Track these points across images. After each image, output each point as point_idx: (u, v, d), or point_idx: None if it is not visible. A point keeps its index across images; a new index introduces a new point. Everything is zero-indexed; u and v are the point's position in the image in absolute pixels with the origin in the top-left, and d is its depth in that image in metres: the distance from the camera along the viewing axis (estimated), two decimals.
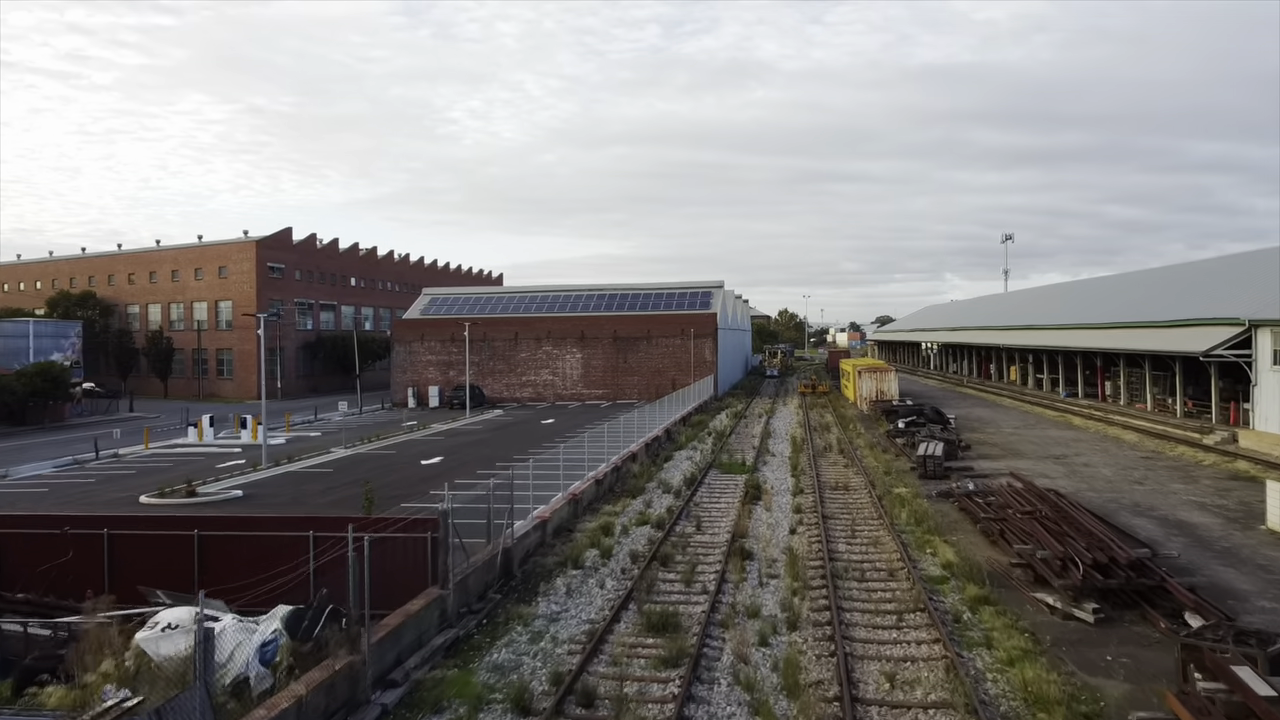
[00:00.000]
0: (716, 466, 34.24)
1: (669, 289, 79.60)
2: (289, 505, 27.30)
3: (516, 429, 50.70)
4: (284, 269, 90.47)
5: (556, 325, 73.76)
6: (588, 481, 27.66)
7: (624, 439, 36.24)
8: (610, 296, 79.43)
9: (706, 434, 44.95)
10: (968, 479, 29.74)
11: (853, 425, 48.02)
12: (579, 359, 73.11)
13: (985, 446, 38.81)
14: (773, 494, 28.15)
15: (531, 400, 73.03)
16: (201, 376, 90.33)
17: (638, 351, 72.28)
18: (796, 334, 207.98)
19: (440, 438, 46.59)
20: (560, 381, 73.31)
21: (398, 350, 75.79)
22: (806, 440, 41.52)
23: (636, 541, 22.01)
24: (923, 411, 46.22)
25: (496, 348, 74.25)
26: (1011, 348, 69.51)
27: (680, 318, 72.64)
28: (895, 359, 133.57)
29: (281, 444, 45.84)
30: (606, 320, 73.50)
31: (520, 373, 73.75)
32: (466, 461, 36.48)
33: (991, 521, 21.28)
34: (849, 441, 40.74)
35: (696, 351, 71.45)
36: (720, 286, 78.72)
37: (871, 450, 37.56)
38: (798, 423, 51.05)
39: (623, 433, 36.55)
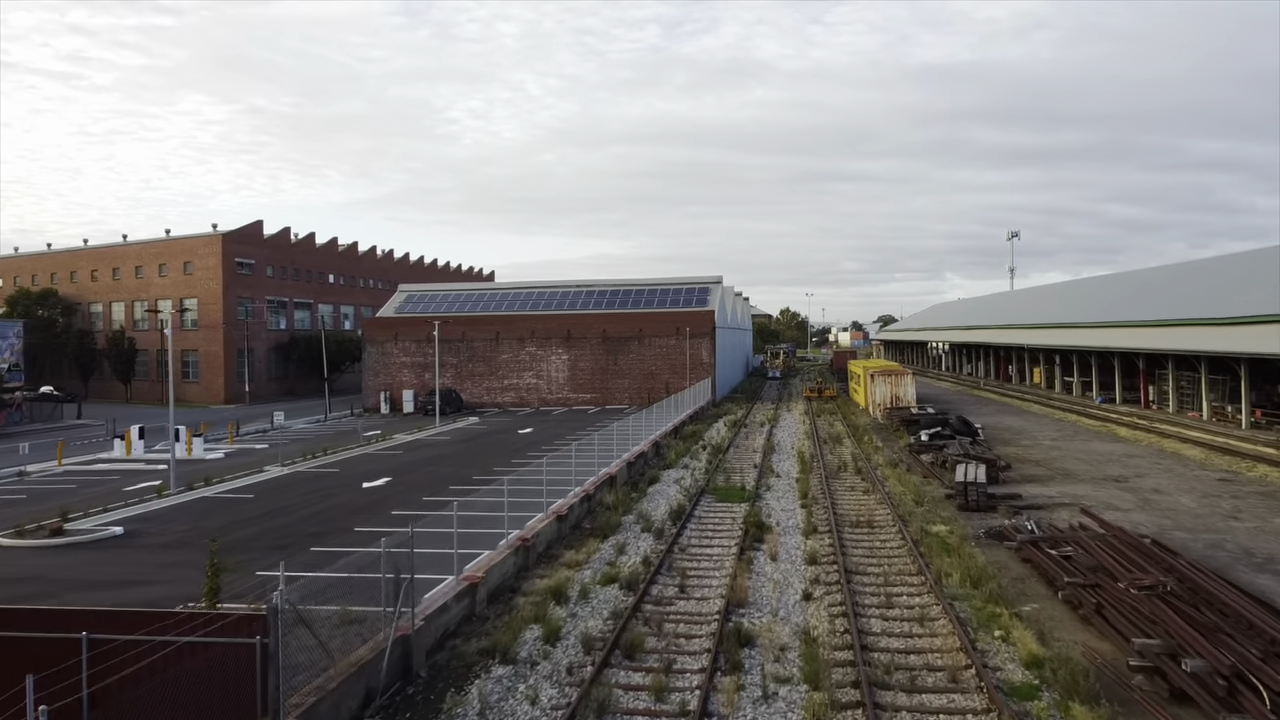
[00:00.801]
0: (711, 492, 28.56)
1: (663, 285, 73.91)
2: (171, 548, 21.67)
3: (487, 441, 45.04)
4: (254, 265, 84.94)
5: (541, 324, 68.10)
6: (547, 518, 22.01)
7: (602, 456, 30.63)
8: (600, 293, 73.73)
9: (701, 448, 39.27)
10: (1021, 511, 24.06)
11: (867, 437, 42.34)
12: (565, 361, 67.46)
13: (1026, 465, 33.11)
14: (779, 533, 22.47)
15: (514, 405, 67.38)
16: (166, 379, 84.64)
17: (629, 352, 66.62)
18: (798, 334, 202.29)
19: (399, 452, 40.94)
20: (545, 385, 67.65)
21: (370, 352, 70.15)
22: (816, 456, 35.85)
23: (597, 612, 16.36)
24: (948, 421, 40.58)
25: (476, 348, 68.59)
26: (1035, 347, 63.81)
27: (675, 316, 66.96)
28: (902, 359, 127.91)
29: (218, 459, 40.30)
30: (595, 318, 67.83)
31: (502, 375, 68.10)
32: (416, 484, 30.85)
33: (1081, 588, 15.60)
34: (866, 458, 35.08)
35: (693, 352, 65.81)
36: (718, 282, 73.04)
37: (894, 470, 31.87)
38: (804, 433, 45.37)
39: (601, 447, 30.94)
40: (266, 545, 21.88)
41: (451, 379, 68.41)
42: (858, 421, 49.65)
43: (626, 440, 34.96)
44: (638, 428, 37.34)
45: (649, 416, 41.57)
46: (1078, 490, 27.68)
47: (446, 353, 68.67)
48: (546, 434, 46.60)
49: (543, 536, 21.15)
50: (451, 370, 68.56)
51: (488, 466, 34.15)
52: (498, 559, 18.09)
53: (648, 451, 36.14)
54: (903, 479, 29.75)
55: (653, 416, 42.32)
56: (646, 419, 40.47)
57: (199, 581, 14.84)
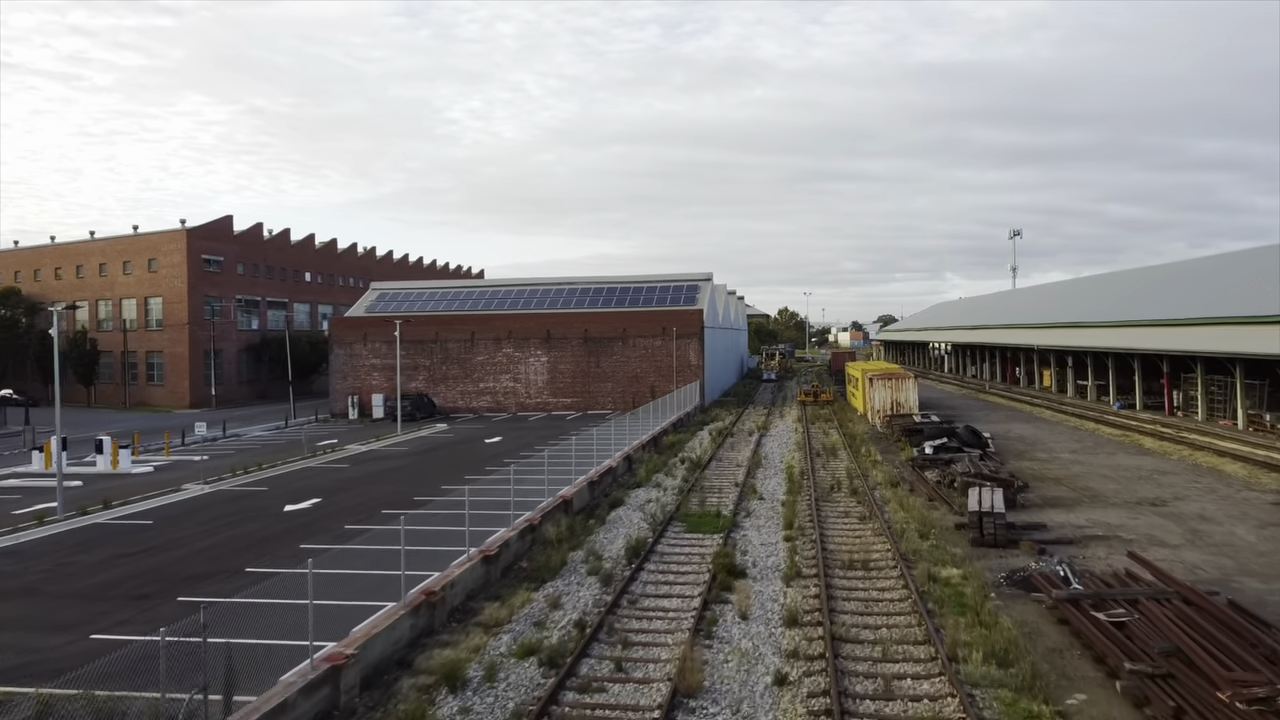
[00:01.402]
0: (681, 519, 24.47)
1: (649, 282, 69.81)
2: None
3: (447, 452, 40.95)
4: (223, 262, 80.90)
5: (518, 324, 64.02)
6: (471, 560, 17.94)
7: (564, 473, 26.63)
8: (582, 291, 69.63)
9: (679, 462, 35.17)
10: (1047, 548, 19.99)
11: (865, 448, 38.27)
12: (544, 363, 63.38)
13: (1046, 484, 29.02)
14: (754, 579, 18.39)
15: (489, 410, 63.30)
16: (130, 382, 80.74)
17: (612, 354, 62.54)
18: (797, 334, 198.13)
19: (344, 465, 36.87)
20: (523, 389, 63.58)
21: (337, 353, 66.06)
22: (807, 473, 31.75)
23: (501, 705, 12.28)
24: (954, 432, 36.47)
25: (450, 350, 64.50)
26: (1046, 349, 59.71)
27: (661, 315, 62.88)
28: (903, 361, 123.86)
29: (145, 474, 36.34)
30: (576, 318, 63.75)
31: (477, 379, 64.02)
32: (344, 509, 26.80)
33: (1150, 680, 11.51)
34: (862, 475, 30.99)
35: (680, 354, 61.75)
36: (708, 279, 68.94)
37: (894, 491, 27.77)
38: (796, 444, 41.28)
39: (563, 463, 26.92)
40: (126, 594, 17.85)
41: (424, 382, 64.37)
42: (855, 430, 45.57)
43: (596, 453, 30.91)
44: (607, 439, 33.32)
45: (627, 425, 37.63)
46: (1111, 517, 23.60)
47: (419, 354, 64.65)
48: (515, 443, 42.58)
49: (460, 586, 17.07)
50: (424, 373, 64.51)
51: (435, 485, 30.12)
52: (384, 624, 14.00)
53: (617, 467, 32.05)
54: (905, 502, 25.66)
55: (632, 425, 38.39)
56: (620, 428, 36.50)
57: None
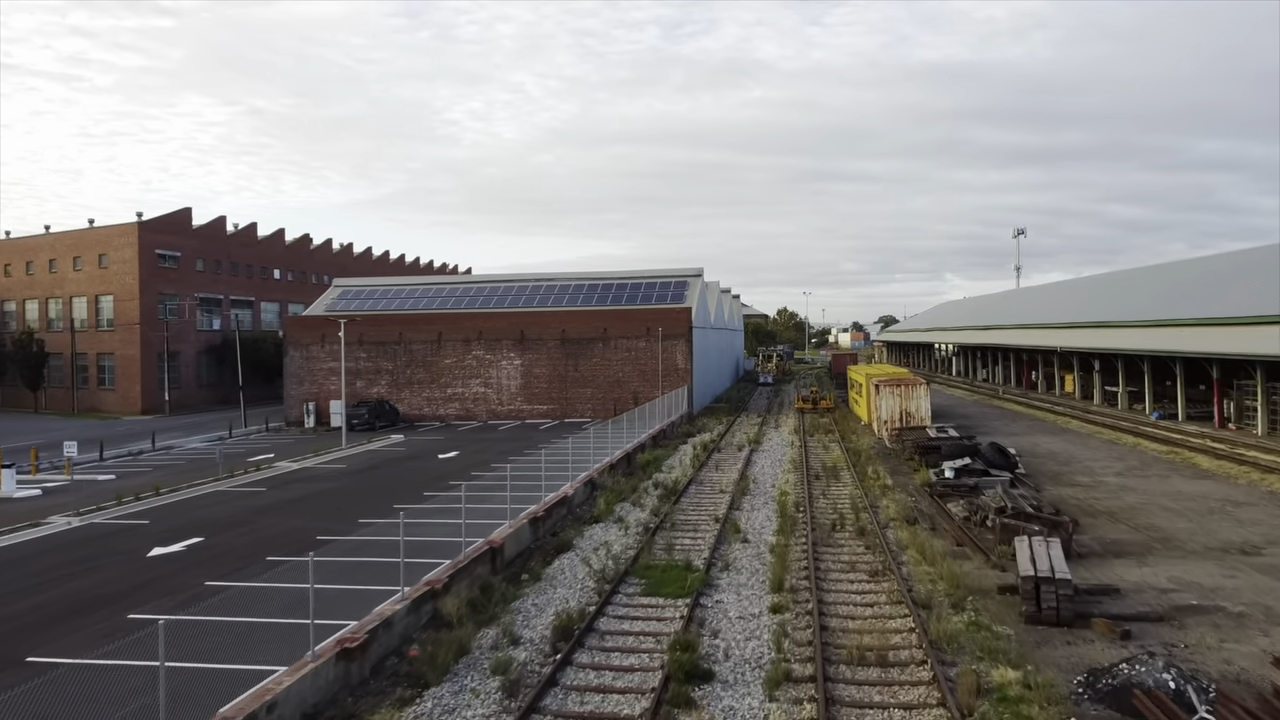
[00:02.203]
0: (640, 575, 18.94)
1: (634, 278, 64.27)
2: None
3: (388, 472, 35.42)
4: (180, 257, 75.53)
5: (490, 323, 58.50)
6: (317, 660, 12.43)
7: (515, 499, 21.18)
8: (560, 288, 64.09)
9: (651, 488, 29.61)
10: (1129, 627, 14.46)
11: (872, 468, 32.74)
12: (517, 366, 57.87)
13: (1100, 520, 23.50)
14: (723, 687, 12.84)
15: (458, 418, 57.78)
16: (80, 386, 75.25)
17: (591, 356, 57.05)
18: (796, 334, 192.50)
19: (260, 490, 31.35)
20: (494, 395, 58.06)
21: (292, 356, 60.53)
22: (803, 503, 26.23)
23: None
24: (977, 450, 30.97)
25: (415, 352, 58.99)
26: (1069, 351, 54.15)
27: (646, 313, 57.36)
28: (907, 363, 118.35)
29: (29, 498, 31.01)
30: (552, 317, 58.24)
31: (445, 383, 58.51)
32: (225, 551, 21.38)
33: None
34: (870, 505, 25.49)
35: (666, 356, 56.26)
36: (698, 275, 63.41)
37: (911, 530, 22.25)
38: (791, 462, 35.75)
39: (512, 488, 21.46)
40: None
41: (387, 388, 58.87)
42: (859, 444, 40.04)
43: (545, 481, 25.43)
44: (570, 457, 27.84)
45: (595, 439, 32.25)
46: (1198, 574, 18.08)
47: (381, 357, 59.19)
48: (471, 459, 37.12)
49: (291, 703, 11.57)
50: (387, 378, 59.01)
51: (352, 517, 24.67)
52: None
53: (574, 495, 26.54)
54: (927, 548, 20.14)
55: (605, 437, 33.00)
56: (590, 442, 31.12)
57: None
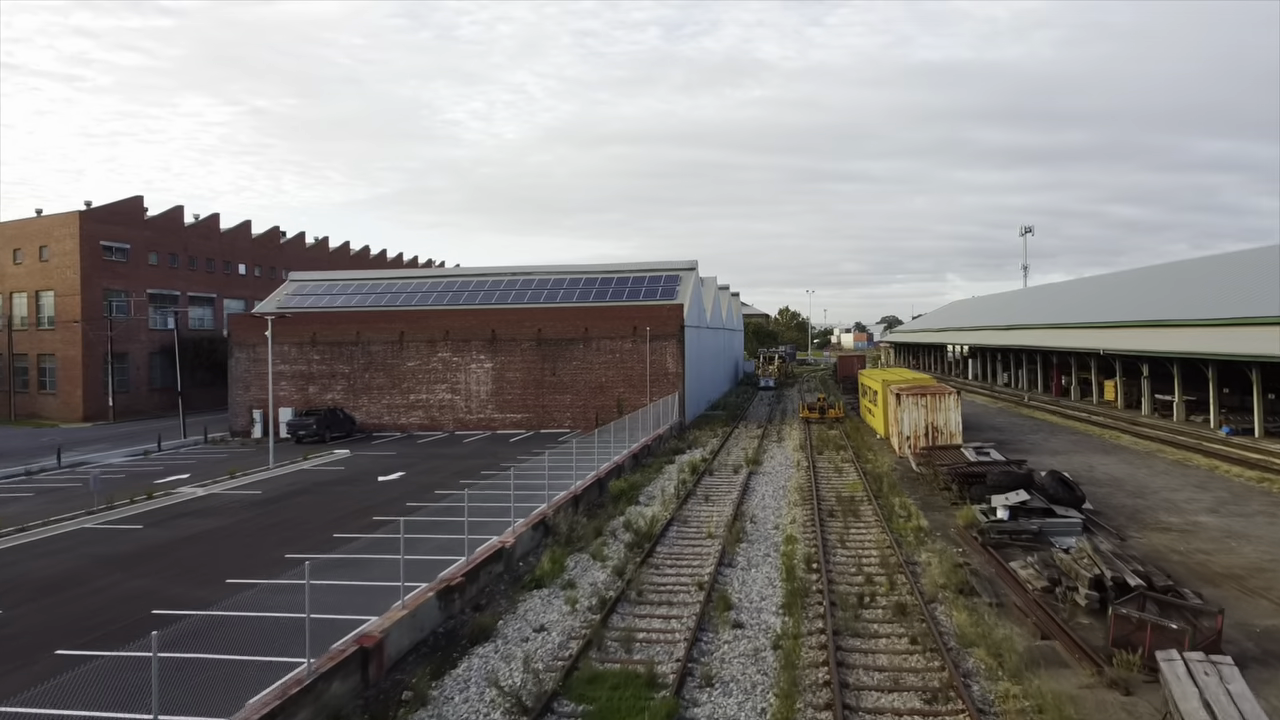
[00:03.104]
0: (578, 695, 12.58)
1: (619, 272, 57.94)
2: None
3: (306, 502, 29.06)
4: (130, 250, 69.30)
5: (458, 322, 52.18)
6: None
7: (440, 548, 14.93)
8: (539, 282, 57.71)
9: (619, 530, 23.23)
10: None
11: (899, 500, 26.37)
12: (488, 370, 51.57)
13: (1225, 590, 17.08)
14: None
15: (422, 428, 51.50)
16: (20, 390, 69.01)
17: (571, 359, 50.75)
18: (798, 335, 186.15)
19: (134, 528, 25.03)
20: (462, 402, 51.76)
21: (238, 358, 54.23)
22: (817, 558, 19.87)
23: None
24: (1032, 480, 24.57)
25: (374, 353, 52.70)
26: (1116, 353, 47.74)
27: (632, 311, 51.03)
28: (917, 364, 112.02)
29: None
30: (527, 315, 51.92)
31: (407, 389, 52.21)
32: (18, 634, 15.08)
33: None
34: (906, 564, 19.14)
35: (654, 359, 49.97)
36: (692, 269, 57.07)
37: (970, 610, 15.86)
38: (798, 491, 29.38)
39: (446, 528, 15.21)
40: None
41: (342, 393, 52.58)
42: (878, 465, 33.68)
43: (463, 532, 19.12)
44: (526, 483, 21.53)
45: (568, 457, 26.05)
46: None
47: (336, 359, 52.90)
48: (417, 485, 30.88)
49: None
50: (342, 382, 52.72)
51: (224, 575, 18.42)
52: None
53: (513, 546, 20.18)
54: (1003, 647, 13.79)
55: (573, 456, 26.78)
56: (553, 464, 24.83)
57: None
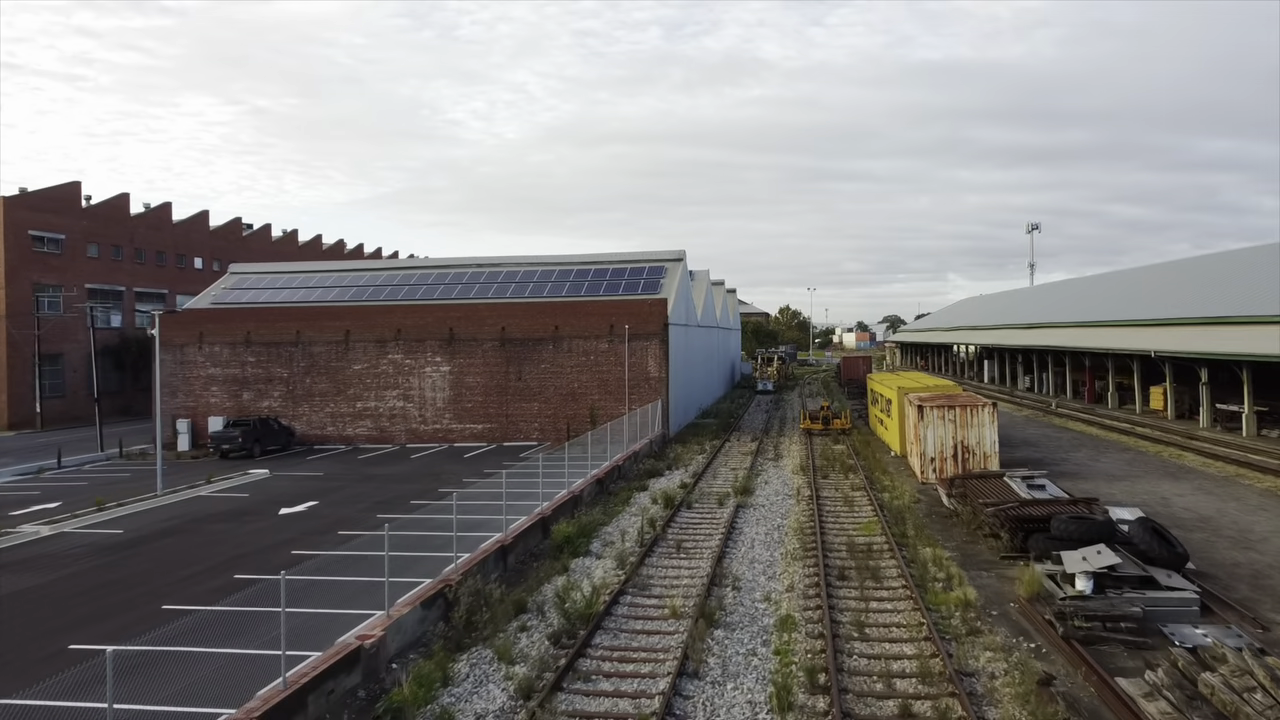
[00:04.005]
0: None
1: (596, 263, 51.61)
2: None
3: (172, 548, 22.71)
4: (64, 241, 63.03)
5: (411, 319, 45.89)
6: None
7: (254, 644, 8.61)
8: (505, 275, 51.31)
9: (548, 606, 16.84)
10: None
11: (931, 551, 20.01)
12: (445, 374, 45.28)
13: None
14: None
15: (370, 440, 45.22)
16: None
17: (539, 362, 44.46)
18: (799, 334, 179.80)
19: None
20: (415, 410, 45.45)
21: (164, 360, 47.76)
22: (826, 665, 13.56)
23: None
24: (1113, 530, 18.17)
25: (316, 355, 46.41)
26: (1167, 355, 41.35)
27: (608, 307, 44.71)
28: (925, 366, 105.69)
29: None
30: (489, 311, 45.60)
31: (354, 395, 45.91)
32: None
33: None
34: (955, 674, 12.82)
35: (635, 361, 43.70)
36: (679, 259, 50.74)
37: None
38: (797, 535, 22.99)
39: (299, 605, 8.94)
40: None
41: (281, 400, 46.29)
42: (897, 493, 27.32)
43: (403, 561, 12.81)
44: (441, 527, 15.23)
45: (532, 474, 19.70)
46: None
47: (274, 361, 46.63)
48: (326, 521, 24.62)
49: None
50: (280, 387, 46.43)
51: None
52: None
53: (379, 642, 13.85)
54: None
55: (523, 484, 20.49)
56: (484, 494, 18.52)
57: None
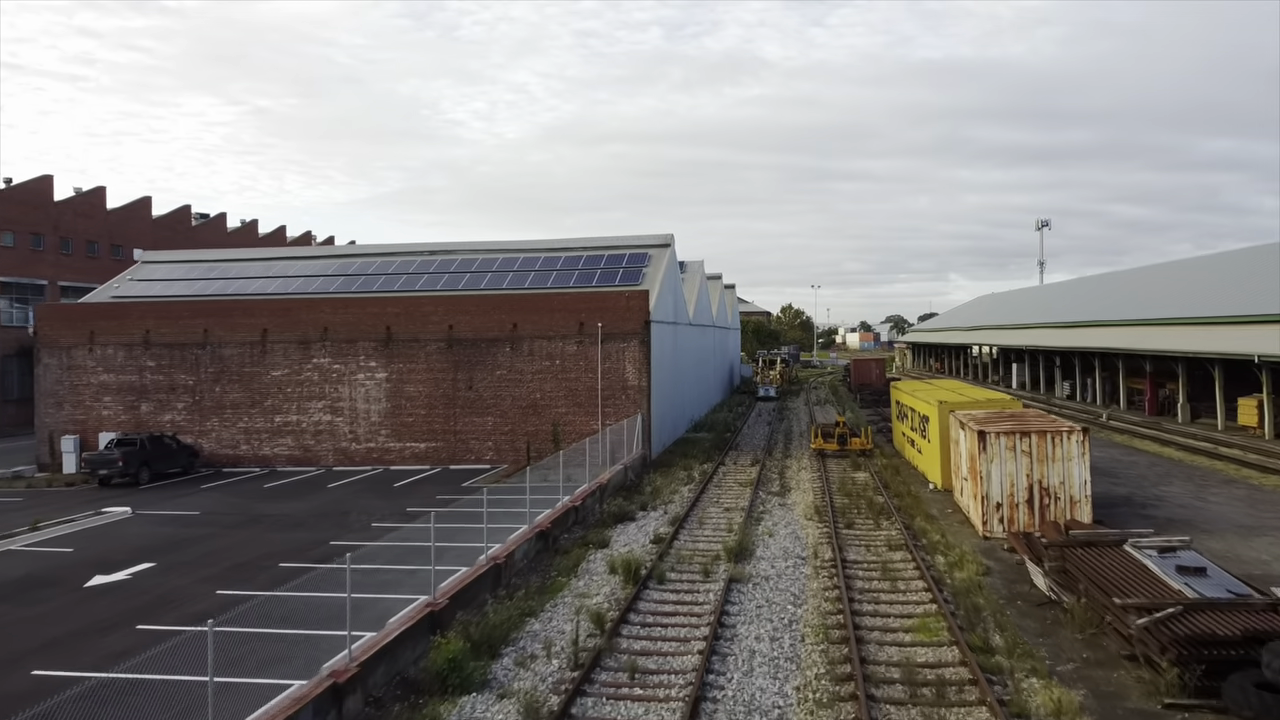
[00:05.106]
0: None
1: (566, 250, 43.71)
2: None
3: None
4: None
5: (340, 315, 38.10)
6: None
7: None
8: (460, 264, 43.38)
9: None
10: None
11: (1040, 688, 12.26)
12: (381, 382, 37.51)
13: None
14: None
15: (291, 461, 37.46)
16: None
17: (494, 367, 36.70)
18: (803, 334, 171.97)
19: None
20: (346, 426, 37.67)
21: (47, 365, 40.04)
22: None
23: None
24: None
25: (228, 359, 38.64)
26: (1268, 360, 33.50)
27: (577, 301, 36.86)
28: (941, 369, 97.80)
29: None
30: (433, 306, 37.78)
31: (272, 408, 38.14)
32: None
33: None
34: None
35: (610, 366, 35.94)
36: (665, 245, 42.90)
37: None
38: (818, 635, 15.08)
39: None
40: None
41: (186, 413, 38.53)
42: (955, 557, 19.45)
43: None
44: None
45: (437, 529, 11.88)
46: None
47: (178, 367, 38.88)
48: (151, 598, 16.96)
49: None
50: (186, 398, 38.67)
51: None
52: None
53: None
54: None
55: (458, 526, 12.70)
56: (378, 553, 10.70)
57: None
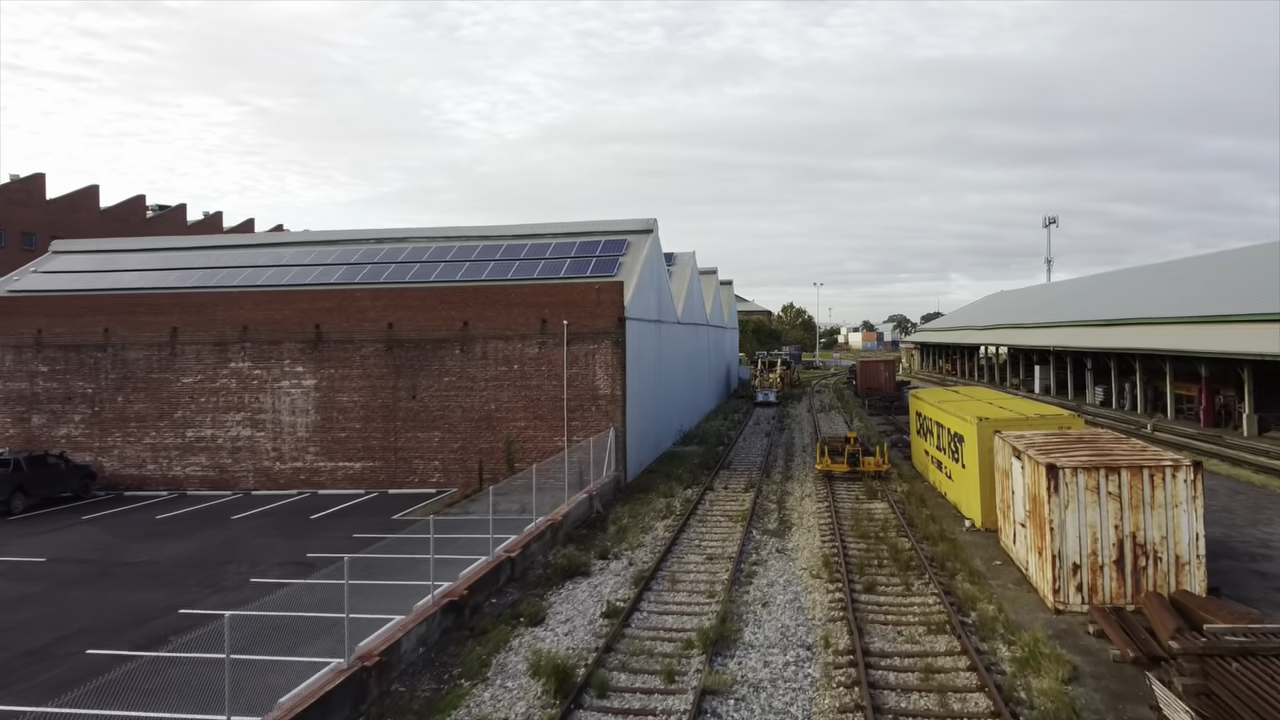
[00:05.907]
0: None
1: (532, 236, 38.01)
2: None
3: None
4: None
5: (261, 312, 32.48)
6: None
7: None
8: (410, 253, 37.71)
9: None
10: None
11: None
12: (309, 390, 31.90)
13: None
14: None
15: (206, 484, 31.87)
16: None
17: (441, 373, 31.10)
18: (804, 334, 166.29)
19: None
20: (269, 442, 32.06)
21: None
22: None
23: None
24: None
25: (132, 363, 33.06)
26: None
27: (539, 293, 31.22)
28: (953, 371, 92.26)
29: None
30: (371, 300, 32.14)
31: (184, 420, 32.54)
32: None
33: None
34: None
35: (578, 373, 30.34)
36: (647, 231, 37.22)
37: None
38: None
39: None
40: None
41: (84, 426, 32.96)
42: (1020, 644, 13.81)
43: None
44: None
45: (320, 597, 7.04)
46: None
47: (75, 373, 33.31)
48: None
49: None
50: (85, 408, 33.09)
51: None
52: None
53: None
54: None
55: None
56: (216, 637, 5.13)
57: None
